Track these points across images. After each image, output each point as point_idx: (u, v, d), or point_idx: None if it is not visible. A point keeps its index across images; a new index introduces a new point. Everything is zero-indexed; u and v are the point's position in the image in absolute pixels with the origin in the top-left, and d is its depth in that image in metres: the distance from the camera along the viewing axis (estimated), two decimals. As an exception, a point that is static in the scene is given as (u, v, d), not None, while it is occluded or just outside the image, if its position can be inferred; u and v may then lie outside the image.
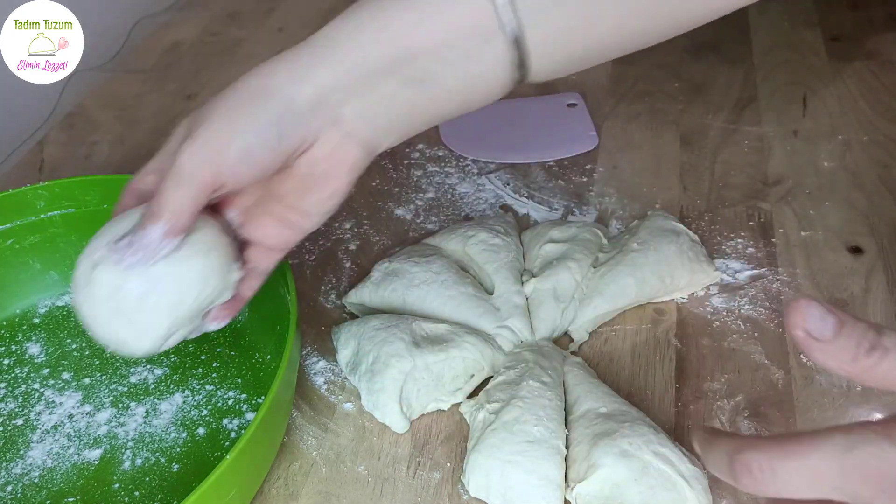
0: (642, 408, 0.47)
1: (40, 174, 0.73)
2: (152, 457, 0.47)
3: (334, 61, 0.37)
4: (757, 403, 0.48)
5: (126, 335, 0.39)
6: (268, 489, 0.46)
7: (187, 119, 0.40)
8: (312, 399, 0.51)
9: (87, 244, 0.40)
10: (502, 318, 0.52)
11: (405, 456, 0.47)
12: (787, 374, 0.50)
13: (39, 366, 0.53)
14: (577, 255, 0.55)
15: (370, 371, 0.49)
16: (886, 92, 0.74)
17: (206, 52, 0.90)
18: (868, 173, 0.65)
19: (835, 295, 0.55)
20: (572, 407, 0.47)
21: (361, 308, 0.56)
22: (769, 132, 0.71)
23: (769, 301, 0.55)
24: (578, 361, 0.50)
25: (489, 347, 0.50)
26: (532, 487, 0.42)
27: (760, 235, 0.60)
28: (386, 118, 0.38)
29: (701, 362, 0.51)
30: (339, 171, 0.39)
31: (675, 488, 0.41)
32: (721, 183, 0.66)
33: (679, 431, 0.47)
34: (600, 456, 0.42)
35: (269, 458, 0.45)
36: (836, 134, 0.70)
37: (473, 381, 0.50)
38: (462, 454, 0.46)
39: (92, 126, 0.79)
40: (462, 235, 0.57)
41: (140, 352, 0.40)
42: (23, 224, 0.55)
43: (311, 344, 0.54)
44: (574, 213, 0.64)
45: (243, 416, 0.49)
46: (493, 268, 0.55)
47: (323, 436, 0.48)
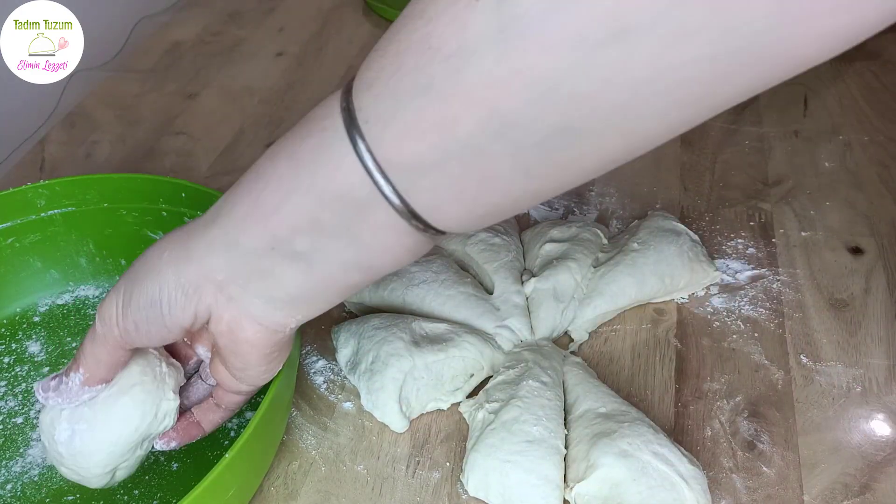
0: (642, 408, 0.47)
1: (41, 173, 0.73)
2: (151, 455, 0.47)
3: (213, 240, 0.35)
4: (757, 404, 0.48)
5: (74, 475, 0.41)
6: (267, 488, 0.46)
7: None
8: (312, 398, 0.51)
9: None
10: (502, 317, 0.52)
11: (404, 455, 0.47)
12: (787, 375, 0.50)
13: (39, 364, 0.53)
14: (577, 255, 0.55)
15: (370, 370, 0.49)
16: (887, 92, 0.74)
17: (206, 52, 0.90)
18: (868, 173, 0.65)
19: (835, 295, 0.55)
20: (572, 407, 0.47)
21: (361, 307, 0.56)
22: (770, 132, 0.71)
23: (769, 301, 0.55)
24: (578, 361, 0.50)
25: (489, 347, 0.50)
26: (531, 487, 0.42)
27: (761, 235, 0.60)
28: (281, 294, 0.35)
29: (701, 362, 0.51)
30: (241, 347, 0.37)
31: (674, 488, 0.41)
32: (721, 183, 0.66)
33: (678, 431, 0.47)
34: (599, 456, 0.42)
35: (269, 456, 0.45)
36: (837, 134, 0.70)
37: (473, 380, 0.50)
38: (461, 454, 0.46)
39: (92, 125, 0.79)
40: (462, 235, 0.57)
41: (92, 486, 0.41)
42: (23, 222, 0.55)
43: (311, 343, 0.54)
44: (574, 213, 0.64)
45: (243, 415, 0.49)
46: (493, 267, 0.55)
47: (322, 435, 0.48)
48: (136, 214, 0.55)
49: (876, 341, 0.52)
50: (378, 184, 0.31)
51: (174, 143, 0.75)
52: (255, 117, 0.78)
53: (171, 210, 0.54)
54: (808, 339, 0.52)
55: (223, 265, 0.35)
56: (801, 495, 0.44)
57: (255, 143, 0.75)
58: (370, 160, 0.30)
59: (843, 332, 0.52)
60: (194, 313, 0.36)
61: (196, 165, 0.72)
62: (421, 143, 0.29)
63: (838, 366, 0.50)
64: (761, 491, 0.44)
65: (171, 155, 0.74)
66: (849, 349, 0.51)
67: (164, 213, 0.54)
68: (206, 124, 0.77)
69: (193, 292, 0.36)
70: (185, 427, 0.43)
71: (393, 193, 0.31)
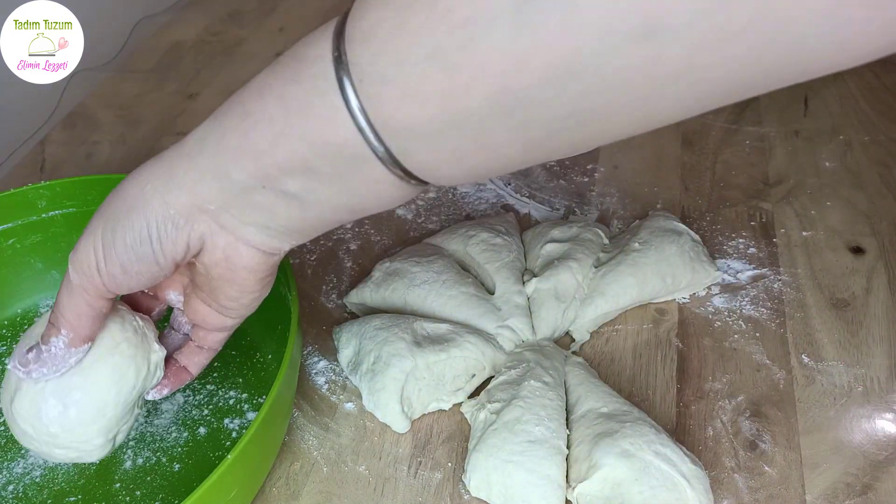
0: (643, 408, 0.47)
1: (42, 174, 0.73)
2: (153, 456, 0.47)
3: (203, 171, 0.34)
4: (758, 403, 0.48)
5: (72, 452, 0.39)
6: (269, 489, 0.46)
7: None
8: (313, 399, 0.51)
9: (15, 348, 0.39)
10: (503, 317, 0.52)
11: (406, 456, 0.47)
12: (789, 374, 0.50)
13: (40, 365, 0.53)
14: (578, 255, 0.55)
15: (371, 371, 0.49)
16: (887, 92, 0.74)
17: (206, 51, 0.90)
18: (869, 173, 0.65)
19: (836, 295, 0.55)
20: (573, 407, 0.47)
21: (362, 308, 0.56)
22: (770, 132, 0.71)
23: (770, 301, 0.55)
24: (580, 361, 0.50)
25: (490, 347, 0.50)
26: (533, 487, 0.42)
27: (762, 235, 0.60)
28: (274, 225, 0.35)
29: (702, 362, 0.51)
30: (238, 274, 0.36)
31: (676, 488, 0.41)
32: (722, 183, 0.66)
33: (680, 431, 0.47)
34: (601, 456, 0.42)
35: (271, 457, 0.45)
36: (838, 134, 0.70)
37: (474, 380, 0.50)
38: (463, 454, 0.46)
39: (93, 126, 0.79)
40: (463, 235, 0.57)
41: (93, 459, 0.40)
42: (24, 223, 0.55)
43: (313, 343, 0.54)
44: (575, 213, 0.64)
45: (244, 416, 0.49)
46: (495, 267, 0.55)
47: (324, 435, 0.48)
48: (137, 215, 0.55)
49: (877, 341, 0.52)
50: (371, 145, 0.30)
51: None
52: (256, 117, 0.78)
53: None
54: (809, 339, 0.52)
55: (216, 195, 0.34)
56: (802, 495, 0.44)
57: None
58: (363, 120, 0.29)
59: (845, 331, 0.52)
60: (187, 244, 0.35)
61: (197, 166, 0.72)
62: (422, 110, 0.28)
63: (840, 365, 0.50)
64: (763, 491, 0.44)
65: (172, 155, 0.73)
66: (850, 349, 0.51)
67: (165, 213, 0.54)
68: (206, 124, 0.77)
69: (185, 223, 0.34)
70: (175, 372, 0.42)
71: (386, 155, 0.30)
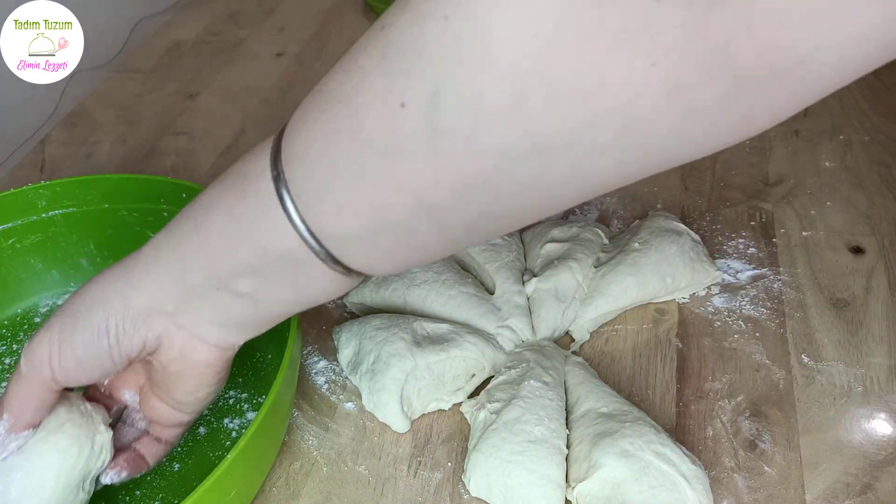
0: (643, 408, 0.47)
1: (42, 174, 0.73)
2: (153, 456, 0.47)
3: (160, 275, 0.36)
4: (758, 403, 0.48)
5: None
6: (269, 489, 0.46)
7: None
8: (313, 398, 0.51)
9: None
10: (503, 317, 0.52)
11: (406, 455, 0.47)
12: (789, 374, 0.50)
13: (40, 365, 0.53)
14: (578, 255, 0.54)
15: (371, 370, 0.49)
16: (888, 92, 0.74)
17: (207, 51, 0.90)
18: (869, 173, 0.65)
19: (836, 295, 0.55)
20: (573, 407, 0.47)
21: (362, 307, 0.56)
22: (770, 132, 0.71)
23: (770, 301, 0.55)
24: (579, 361, 0.50)
25: (490, 347, 0.50)
26: (533, 487, 0.42)
27: (762, 235, 0.60)
28: (229, 322, 0.37)
29: (702, 362, 0.51)
30: (196, 368, 0.38)
31: (676, 488, 0.41)
32: (722, 183, 0.66)
33: (680, 431, 0.47)
34: (601, 456, 0.42)
35: (270, 457, 0.45)
36: (838, 134, 0.70)
37: (474, 380, 0.50)
38: (463, 454, 0.46)
39: (93, 126, 0.79)
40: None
41: None
42: (24, 223, 0.55)
43: (312, 343, 0.54)
44: (575, 213, 0.64)
45: (244, 416, 0.49)
46: (494, 267, 0.55)
47: (324, 435, 0.48)
48: (136, 215, 0.55)
49: (877, 341, 0.52)
50: (314, 250, 0.33)
51: (175, 144, 0.75)
52: (256, 117, 0.78)
53: (171, 210, 0.54)
54: (809, 339, 0.52)
55: (173, 297, 0.36)
56: (802, 495, 0.44)
57: (255, 143, 0.74)
58: (305, 231, 0.33)
59: (845, 331, 0.52)
60: (143, 342, 0.37)
61: (197, 165, 0.72)
62: (355, 220, 0.32)
63: (839, 365, 0.50)
64: (763, 490, 0.44)
65: (172, 155, 0.74)
66: (850, 349, 0.51)
67: (165, 213, 0.54)
68: (206, 124, 0.77)
69: (143, 322, 0.37)
70: (132, 458, 0.42)
71: (328, 257, 0.33)
